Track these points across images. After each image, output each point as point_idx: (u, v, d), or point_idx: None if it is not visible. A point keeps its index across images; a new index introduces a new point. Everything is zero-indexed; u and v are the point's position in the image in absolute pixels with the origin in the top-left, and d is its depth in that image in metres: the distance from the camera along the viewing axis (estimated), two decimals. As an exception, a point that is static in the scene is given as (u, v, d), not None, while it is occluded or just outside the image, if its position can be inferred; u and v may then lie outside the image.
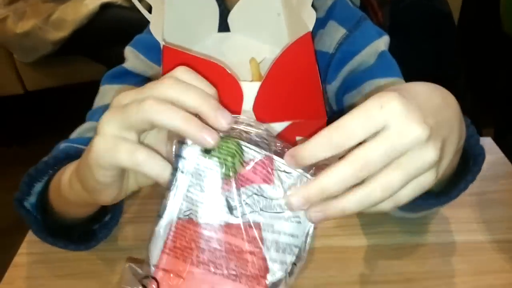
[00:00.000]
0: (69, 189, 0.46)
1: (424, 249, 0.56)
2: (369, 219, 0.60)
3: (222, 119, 0.36)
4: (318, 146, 0.33)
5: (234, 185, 0.36)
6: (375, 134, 0.32)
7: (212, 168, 0.36)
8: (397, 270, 0.53)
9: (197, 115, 0.36)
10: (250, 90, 0.50)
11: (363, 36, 0.63)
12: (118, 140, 0.36)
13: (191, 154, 0.36)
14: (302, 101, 0.50)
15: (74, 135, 0.63)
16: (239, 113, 0.49)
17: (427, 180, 0.34)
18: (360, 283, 0.52)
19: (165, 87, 0.36)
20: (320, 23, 0.65)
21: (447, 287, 0.51)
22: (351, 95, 0.62)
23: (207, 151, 0.36)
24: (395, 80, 0.60)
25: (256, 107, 0.50)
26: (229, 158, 0.36)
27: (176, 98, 0.36)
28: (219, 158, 0.36)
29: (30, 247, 0.58)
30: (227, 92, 0.49)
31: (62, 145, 0.60)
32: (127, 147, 0.36)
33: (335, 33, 0.64)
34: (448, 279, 0.52)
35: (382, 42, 0.63)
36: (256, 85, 0.49)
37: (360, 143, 0.32)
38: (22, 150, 2.03)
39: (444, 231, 0.58)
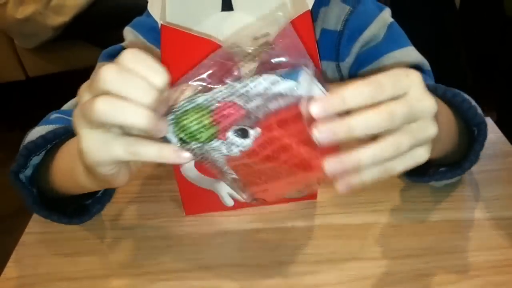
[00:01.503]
0: (72, 174, 0.46)
1: (422, 226, 0.57)
2: (367, 197, 0.61)
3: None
4: (350, 94, 0.34)
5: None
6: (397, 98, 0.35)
7: None
8: (396, 247, 0.54)
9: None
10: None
11: (367, 11, 0.65)
12: (102, 137, 0.37)
13: None
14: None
15: (66, 106, 0.64)
16: None
17: (423, 155, 0.37)
18: (360, 259, 0.53)
19: (107, 81, 0.35)
20: (323, 1, 0.66)
21: (445, 262, 0.52)
22: (367, 70, 0.64)
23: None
24: (408, 48, 0.64)
25: None
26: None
27: (119, 93, 0.35)
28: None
29: (36, 227, 0.59)
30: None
31: (54, 115, 0.60)
32: (117, 142, 0.37)
33: (340, 10, 0.65)
34: (446, 255, 0.53)
35: (387, 14, 0.65)
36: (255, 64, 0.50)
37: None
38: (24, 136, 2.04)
39: (442, 208, 0.59)
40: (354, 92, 0.34)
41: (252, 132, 0.37)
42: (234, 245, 0.56)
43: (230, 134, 0.38)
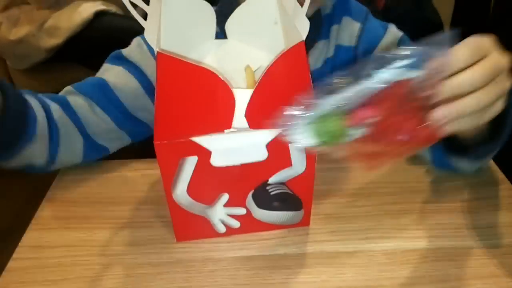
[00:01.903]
0: None
1: (415, 254, 0.56)
2: (360, 225, 0.60)
3: None
4: (460, 52, 0.42)
5: None
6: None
7: None
8: (390, 275, 0.54)
9: None
10: (243, 97, 0.50)
11: (375, 27, 0.74)
12: None
13: None
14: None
15: (60, 93, 0.72)
16: (230, 120, 0.50)
17: (500, 105, 0.45)
18: (353, 288, 0.53)
19: None
20: (333, 19, 0.74)
21: (439, 291, 0.52)
22: None
23: None
24: None
25: (248, 114, 0.50)
26: None
27: None
28: None
29: (24, 252, 0.58)
30: (220, 99, 0.50)
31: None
32: None
33: (352, 27, 0.74)
34: (439, 284, 0.53)
35: (394, 28, 0.74)
36: (250, 92, 0.50)
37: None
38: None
39: (435, 236, 0.59)
40: (462, 56, 0.42)
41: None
42: (225, 272, 0.55)
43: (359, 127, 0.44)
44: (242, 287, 0.53)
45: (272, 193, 0.56)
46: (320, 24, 0.74)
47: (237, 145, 0.52)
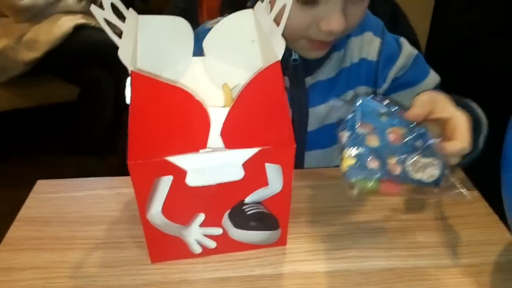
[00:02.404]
0: None
1: (391, 274, 0.56)
2: (336, 244, 0.60)
3: None
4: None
5: None
6: None
7: None
8: (365, 295, 0.54)
9: None
10: (219, 116, 0.50)
11: (391, 42, 0.79)
12: None
13: None
14: (270, 128, 0.51)
15: None
16: (205, 140, 0.50)
17: None
18: (329, 308, 0.52)
19: None
20: (354, 32, 0.76)
21: (414, 311, 0.52)
22: (398, 95, 0.78)
23: None
24: (430, 74, 0.80)
25: (224, 133, 0.50)
26: None
27: None
28: None
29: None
30: (194, 118, 0.50)
31: None
32: None
33: (373, 42, 0.78)
34: (415, 304, 0.53)
35: (407, 45, 0.79)
36: (226, 111, 0.50)
37: None
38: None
39: (410, 255, 0.59)
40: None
41: None
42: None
43: None
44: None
45: (248, 213, 0.56)
46: None
47: (213, 164, 0.51)
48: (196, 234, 0.56)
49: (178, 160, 0.50)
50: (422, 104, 0.58)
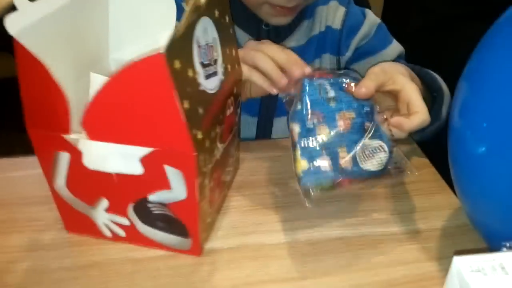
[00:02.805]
0: None
1: (339, 243, 0.56)
2: (285, 216, 0.59)
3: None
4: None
5: None
6: None
7: None
8: (313, 266, 0.53)
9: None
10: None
11: (356, 12, 0.80)
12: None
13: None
14: (158, 127, 0.44)
15: None
16: (67, 125, 0.47)
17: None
18: (277, 281, 0.52)
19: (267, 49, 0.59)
20: (322, 0, 0.78)
21: (363, 280, 0.52)
22: (359, 64, 0.79)
23: None
24: (393, 44, 0.81)
25: (85, 121, 0.46)
26: None
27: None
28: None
29: None
30: (54, 99, 0.46)
31: None
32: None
33: (338, 11, 0.79)
34: (364, 272, 0.53)
35: (373, 15, 0.80)
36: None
37: None
38: None
39: (358, 224, 0.59)
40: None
41: None
42: (146, 273, 0.52)
43: None
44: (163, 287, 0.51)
45: (154, 212, 0.52)
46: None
47: (106, 152, 0.47)
48: (103, 218, 0.54)
49: (71, 139, 0.47)
50: (374, 75, 0.57)
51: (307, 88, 0.55)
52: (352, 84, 0.56)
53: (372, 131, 0.54)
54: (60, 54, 0.49)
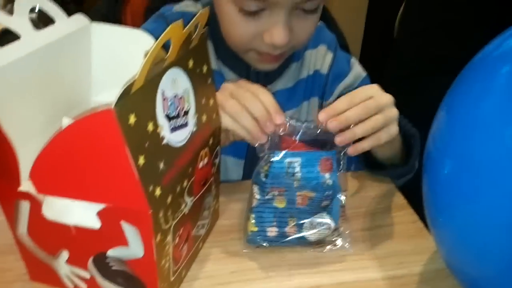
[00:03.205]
0: None
1: (317, 292, 0.55)
2: (263, 264, 0.58)
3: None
4: (341, 104, 0.57)
5: None
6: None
7: None
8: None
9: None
10: None
11: (342, 59, 0.81)
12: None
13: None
14: (110, 183, 0.43)
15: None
16: (18, 179, 0.46)
17: (394, 128, 0.60)
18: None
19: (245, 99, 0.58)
20: (308, 44, 0.78)
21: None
22: None
23: None
24: None
25: (33, 174, 0.45)
26: None
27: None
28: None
29: None
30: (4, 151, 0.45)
31: None
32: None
33: (327, 56, 0.80)
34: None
35: (357, 67, 0.82)
36: None
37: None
38: None
39: (336, 270, 0.57)
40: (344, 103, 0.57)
41: None
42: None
43: None
44: None
45: (113, 268, 0.50)
46: None
47: (63, 203, 0.46)
48: (64, 269, 0.52)
49: (29, 188, 0.46)
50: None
51: (274, 164, 0.57)
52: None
53: (326, 210, 0.58)
54: (28, 99, 0.49)
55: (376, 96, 0.59)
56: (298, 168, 0.57)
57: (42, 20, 0.56)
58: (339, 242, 0.59)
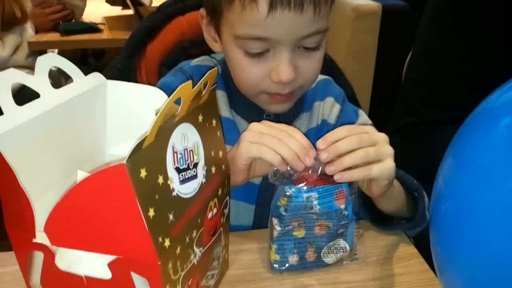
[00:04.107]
0: None
1: None
2: None
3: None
4: (341, 132, 0.60)
5: None
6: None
7: None
8: None
9: None
10: None
11: (350, 112, 0.83)
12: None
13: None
14: (121, 235, 0.44)
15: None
16: (33, 230, 0.47)
17: (388, 164, 0.60)
18: None
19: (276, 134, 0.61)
20: (316, 95, 0.82)
21: None
22: None
23: None
24: None
25: (48, 226, 0.46)
26: None
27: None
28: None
29: None
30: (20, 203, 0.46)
31: None
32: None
33: (334, 108, 0.83)
34: None
35: (364, 116, 0.84)
36: None
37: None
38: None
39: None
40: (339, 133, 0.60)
41: None
42: None
43: None
44: None
45: None
46: (303, 98, 0.80)
47: (75, 255, 0.47)
48: None
49: (43, 239, 0.47)
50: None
51: (293, 199, 0.60)
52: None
53: (343, 236, 0.63)
54: (45, 153, 0.51)
55: (371, 132, 0.62)
56: (316, 202, 0.60)
57: (62, 73, 0.59)
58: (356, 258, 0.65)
